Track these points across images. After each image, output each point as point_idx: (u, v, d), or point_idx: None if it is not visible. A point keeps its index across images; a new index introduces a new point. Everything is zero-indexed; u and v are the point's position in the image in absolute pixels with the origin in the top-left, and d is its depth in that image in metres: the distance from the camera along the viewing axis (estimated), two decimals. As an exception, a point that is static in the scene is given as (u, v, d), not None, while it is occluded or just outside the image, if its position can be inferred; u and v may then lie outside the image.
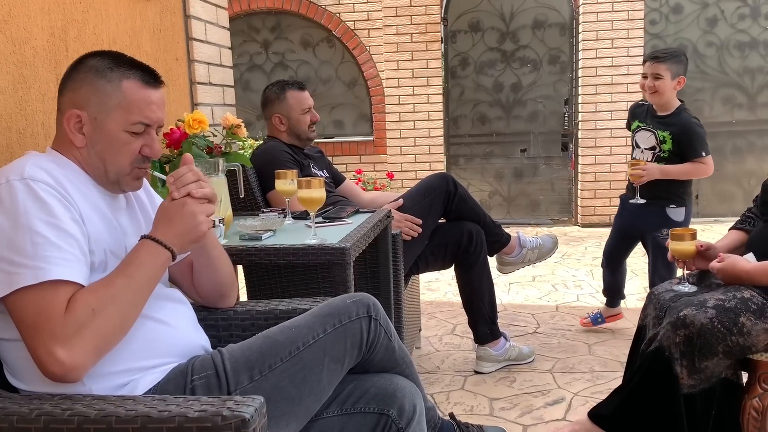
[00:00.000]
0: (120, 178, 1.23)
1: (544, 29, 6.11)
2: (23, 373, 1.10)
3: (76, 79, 1.21)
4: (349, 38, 6.23)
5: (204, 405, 0.93)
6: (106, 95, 1.19)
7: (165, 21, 2.30)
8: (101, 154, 1.20)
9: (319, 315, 1.28)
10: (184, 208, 1.15)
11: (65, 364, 1.00)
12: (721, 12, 5.92)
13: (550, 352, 2.89)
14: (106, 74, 1.19)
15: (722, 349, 1.65)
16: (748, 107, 6.01)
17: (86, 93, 1.19)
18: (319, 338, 1.24)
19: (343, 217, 2.13)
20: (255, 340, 1.24)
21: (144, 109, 1.21)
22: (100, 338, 1.04)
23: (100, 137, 1.20)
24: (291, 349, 1.21)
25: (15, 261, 1.02)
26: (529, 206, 6.34)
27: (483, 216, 2.70)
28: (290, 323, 1.28)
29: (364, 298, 1.34)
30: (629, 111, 3.01)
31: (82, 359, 1.01)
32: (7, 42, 1.57)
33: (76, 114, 1.19)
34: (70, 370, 1.00)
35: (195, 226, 1.16)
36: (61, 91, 1.23)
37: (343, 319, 1.28)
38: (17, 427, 0.95)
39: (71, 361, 1.00)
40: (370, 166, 6.29)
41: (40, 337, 1.00)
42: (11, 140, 1.58)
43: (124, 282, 1.08)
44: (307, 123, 2.61)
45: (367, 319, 1.30)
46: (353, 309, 1.30)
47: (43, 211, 1.06)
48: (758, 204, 1.99)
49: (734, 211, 5.77)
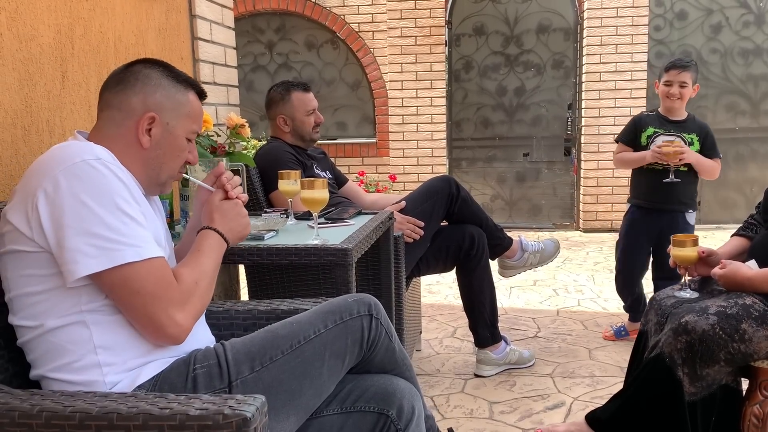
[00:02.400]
0: (168, 180, 1.32)
1: (549, 34, 6.11)
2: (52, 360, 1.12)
3: (148, 84, 1.25)
4: (353, 40, 6.24)
5: (205, 403, 0.94)
6: (179, 104, 1.28)
7: (170, 20, 2.31)
8: (162, 157, 1.27)
9: (320, 312, 1.30)
10: (237, 208, 1.33)
11: (182, 326, 1.12)
12: (725, 19, 5.92)
13: (550, 356, 2.89)
14: (177, 85, 1.28)
15: (724, 356, 1.65)
16: (751, 114, 6.01)
17: (162, 98, 1.25)
18: (320, 333, 1.26)
19: (345, 219, 2.13)
20: (257, 334, 1.27)
21: (199, 120, 1.33)
22: (201, 306, 1.18)
23: (167, 141, 1.27)
24: (292, 342, 1.23)
25: (111, 238, 1.07)
26: (531, 210, 6.34)
27: (485, 219, 2.70)
28: (292, 319, 1.30)
29: (366, 297, 1.35)
30: (636, 122, 2.93)
31: (191, 323, 1.15)
32: (14, 39, 1.57)
33: (152, 116, 1.24)
34: (184, 331, 1.13)
35: (245, 226, 1.34)
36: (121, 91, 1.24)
37: (344, 316, 1.30)
38: (19, 423, 0.95)
39: (186, 323, 1.13)
40: (373, 168, 6.29)
41: (161, 304, 1.10)
42: (16, 137, 1.58)
43: (208, 263, 1.22)
44: (311, 124, 2.62)
45: (369, 318, 1.32)
46: (355, 307, 1.31)
47: (124, 191, 1.12)
48: (760, 211, 1.99)
49: (736, 218, 5.76)
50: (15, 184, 1.57)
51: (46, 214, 1.07)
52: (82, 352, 1.12)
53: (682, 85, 2.78)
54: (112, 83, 1.26)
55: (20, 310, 1.13)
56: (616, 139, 3.06)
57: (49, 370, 1.13)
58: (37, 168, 1.12)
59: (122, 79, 1.25)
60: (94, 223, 1.06)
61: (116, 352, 1.13)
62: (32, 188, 1.09)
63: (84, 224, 1.06)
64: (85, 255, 1.06)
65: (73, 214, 1.06)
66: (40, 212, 1.07)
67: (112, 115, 1.24)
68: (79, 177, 1.08)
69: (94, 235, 1.06)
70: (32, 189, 1.09)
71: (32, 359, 1.15)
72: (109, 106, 1.25)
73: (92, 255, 1.06)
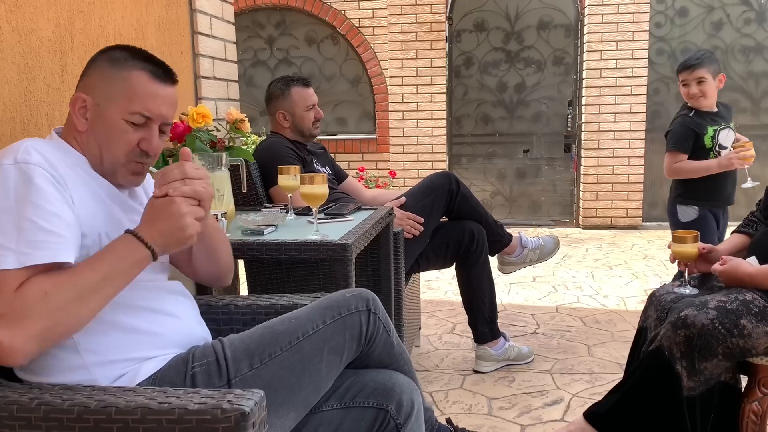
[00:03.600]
0: (115, 168, 1.21)
1: (549, 30, 6.10)
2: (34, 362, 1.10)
3: (91, 67, 1.23)
4: (353, 36, 6.23)
5: (204, 397, 0.93)
6: (112, 82, 1.20)
7: (170, 14, 2.30)
8: (99, 140, 1.20)
9: (318, 307, 1.29)
10: (171, 207, 1.09)
11: (3, 345, 0.95)
12: (726, 16, 5.91)
13: (549, 352, 2.89)
14: (120, 64, 1.21)
15: (722, 350, 1.65)
16: (752, 112, 6.00)
17: (95, 79, 1.21)
18: (319, 329, 1.25)
19: (345, 214, 2.13)
20: (255, 330, 1.26)
21: (147, 101, 1.20)
22: (52, 325, 0.99)
23: (99, 123, 1.20)
24: (291, 338, 1.22)
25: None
26: (530, 207, 6.33)
27: (485, 215, 2.70)
28: (290, 315, 1.29)
29: (363, 292, 1.34)
30: (693, 127, 2.74)
31: (23, 344, 0.96)
32: (13, 32, 1.57)
33: (82, 98, 1.20)
34: (11, 353, 0.96)
35: (180, 228, 1.09)
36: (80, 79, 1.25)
37: (342, 311, 1.29)
38: (17, 416, 0.95)
39: (10, 342, 0.96)
40: (373, 164, 6.29)
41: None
42: (15, 130, 1.58)
43: (91, 271, 1.03)
44: (311, 120, 2.61)
45: (366, 313, 1.31)
46: (352, 302, 1.31)
47: (32, 194, 1.05)
48: (761, 208, 1.99)
49: (736, 215, 5.76)
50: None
51: None
52: (65, 354, 1.10)
53: (699, 82, 2.72)
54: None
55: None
56: (669, 149, 2.83)
57: (33, 375, 1.11)
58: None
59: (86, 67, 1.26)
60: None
61: (102, 354, 1.12)
62: None
63: None
64: None
65: None
66: None
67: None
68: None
69: None
70: None
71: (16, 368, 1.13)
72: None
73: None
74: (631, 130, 5.90)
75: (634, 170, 5.92)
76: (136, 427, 0.92)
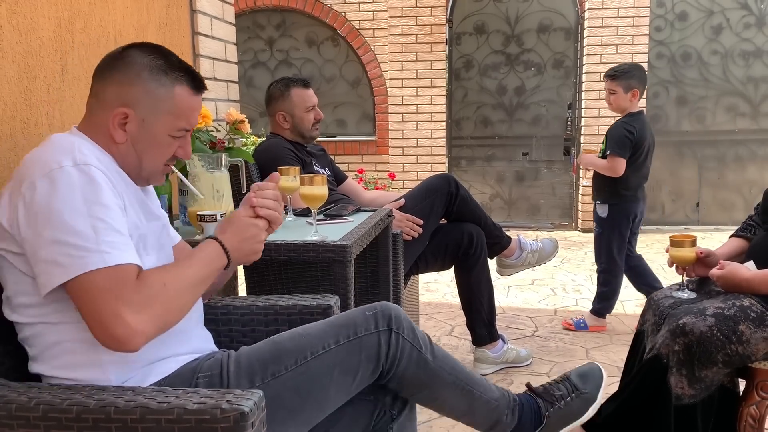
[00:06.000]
0: (152, 175, 1.25)
1: (549, 33, 6.11)
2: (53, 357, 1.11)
3: (127, 74, 1.18)
4: (353, 38, 6.23)
5: (203, 397, 0.94)
6: (159, 100, 1.18)
7: (171, 15, 2.30)
8: (140, 152, 1.20)
9: (333, 324, 1.24)
10: (255, 230, 1.20)
11: (131, 327, 1.00)
12: (726, 20, 5.92)
13: (547, 355, 2.89)
14: (160, 77, 1.19)
15: (722, 357, 1.64)
16: (751, 116, 6.01)
17: (138, 93, 1.17)
18: (330, 349, 1.20)
19: (344, 215, 2.13)
20: (264, 345, 1.22)
21: (189, 115, 1.23)
22: (166, 312, 1.05)
23: (144, 138, 1.19)
24: (298, 357, 1.18)
25: (79, 245, 1.02)
26: (529, 210, 6.34)
27: (484, 218, 2.70)
28: (302, 330, 1.24)
29: (386, 309, 1.27)
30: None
31: (146, 326, 1.01)
32: (14, 31, 1.57)
33: (124, 113, 1.17)
34: (135, 334, 1.00)
35: (255, 251, 1.22)
36: (102, 78, 1.20)
37: (359, 331, 1.23)
38: (16, 416, 0.95)
39: (139, 327, 1.00)
40: (372, 166, 6.29)
41: (113, 303, 1.00)
42: (15, 129, 1.58)
43: (192, 271, 1.11)
44: (311, 121, 2.61)
45: (387, 333, 1.24)
46: (372, 322, 1.24)
47: (100, 196, 1.06)
48: (759, 212, 1.99)
49: (735, 220, 5.77)
50: (14, 177, 1.57)
51: (23, 222, 1.04)
52: (83, 350, 1.10)
53: (611, 92, 3.10)
54: (101, 66, 1.21)
55: (18, 307, 1.11)
56: None
57: (50, 368, 1.11)
58: (22, 169, 1.10)
59: (109, 65, 1.20)
60: (64, 231, 1.02)
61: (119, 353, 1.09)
62: (16, 190, 1.07)
63: (55, 233, 1.02)
64: (56, 265, 1.02)
65: (46, 223, 1.03)
66: (19, 219, 1.05)
67: (91, 102, 1.21)
68: (54, 185, 1.04)
69: (64, 244, 1.02)
70: (16, 191, 1.07)
71: (33, 355, 1.14)
72: (91, 92, 1.21)
73: (62, 264, 1.02)
74: (631, 133, 5.90)
75: (633, 174, 5.92)
76: (135, 426, 0.92)
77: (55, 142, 1.13)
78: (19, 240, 1.06)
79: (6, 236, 1.08)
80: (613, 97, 3.10)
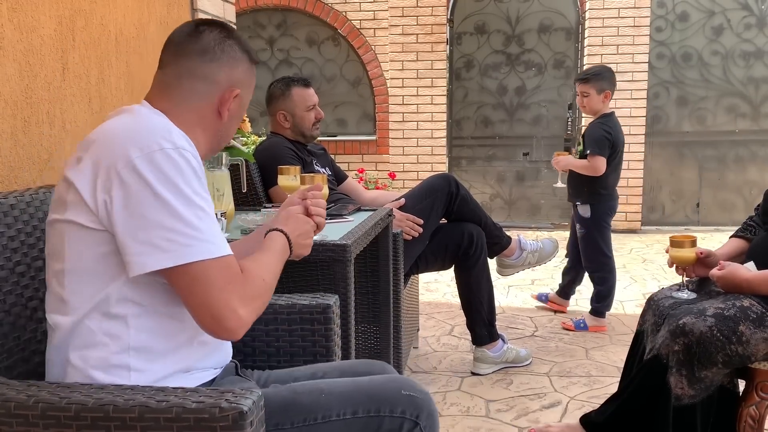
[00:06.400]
0: (215, 152, 1.29)
1: (550, 33, 6.11)
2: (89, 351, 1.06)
3: (233, 56, 1.21)
4: (354, 37, 6.23)
5: (202, 396, 0.93)
6: (251, 78, 1.26)
7: (172, 14, 2.30)
8: (230, 128, 1.26)
9: (360, 390, 1.17)
10: (308, 226, 1.27)
11: (243, 320, 1.05)
12: (727, 21, 5.92)
13: (547, 355, 2.89)
14: (249, 59, 1.25)
15: (721, 358, 1.64)
16: (751, 117, 6.01)
17: (241, 74, 1.23)
18: (343, 419, 1.13)
19: (344, 215, 2.13)
20: (283, 390, 1.18)
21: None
22: (263, 304, 1.12)
23: (238, 114, 1.25)
24: (307, 417, 1.12)
25: (185, 233, 1.01)
26: (530, 210, 6.34)
27: (484, 218, 2.70)
28: (326, 385, 1.18)
29: (425, 400, 1.18)
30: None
31: (252, 319, 1.08)
32: (15, 30, 1.57)
33: (237, 92, 1.21)
34: (243, 326, 1.06)
35: (307, 247, 1.28)
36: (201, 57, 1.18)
37: (384, 409, 1.14)
38: (14, 414, 0.95)
39: (247, 318, 1.06)
40: (372, 166, 6.29)
41: (224, 296, 1.03)
42: (16, 128, 1.58)
43: (273, 263, 1.17)
44: (312, 120, 2.61)
45: (412, 424, 1.15)
46: (403, 404, 1.15)
47: (199, 184, 1.06)
48: (759, 213, 1.99)
49: (735, 221, 5.76)
50: (14, 176, 1.57)
51: (119, 201, 1.01)
52: (115, 348, 1.06)
53: (584, 95, 3.16)
54: (194, 51, 1.18)
55: (69, 284, 1.06)
56: None
57: (77, 357, 1.06)
58: (111, 140, 1.05)
59: (208, 49, 1.19)
60: (169, 216, 1.01)
61: (149, 358, 1.08)
62: (105, 164, 1.02)
63: (159, 217, 1.00)
64: (156, 249, 1.00)
65: (148, 205, 1.00)
66: (114, 197, 1.01)
67: (194, 85, 1.18)
68: (157, 168, 1.01)
69: (169, 229, 1.00)
70: (105, 165, 1.02)
71: (62, 339, 1.08)
72: (193, 75, 1.18)
73: (165, 249, 1.00)
74: (631, 134, 5.89)
75: (634, 174, 5.92)
76: (133, 425, 0.91)
77: (147, 119, 1.10)
78: (104, 217, 1.02)
79: (80, 208, 1.04)
80: (586, 99, 3.16)
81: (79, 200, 1.04)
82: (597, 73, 3.17)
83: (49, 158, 1.70)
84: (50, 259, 1.11)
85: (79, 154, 1.08)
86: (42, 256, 1.27)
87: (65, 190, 1.07)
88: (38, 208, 1.32)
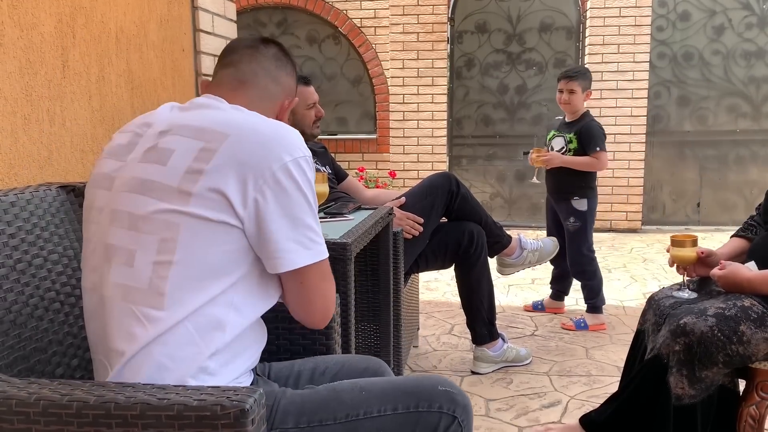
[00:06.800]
0: None
1: (551, 32, 6.11)
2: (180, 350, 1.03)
3: (292, 68, 1.32)
4: (355, 35, 6.23)
5: (203, 394, 0.93)
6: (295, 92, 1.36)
7: (172, 11, 2.30)
8: None
9: (398, 388, 1.19)
10: None
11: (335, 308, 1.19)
12: (728, 20, 5.92)
13: (547, 354, 2.89)
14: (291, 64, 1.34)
15: (722, 358, 1.64)
16: (752, 117, 6.01)
17: (293, 83, 1.33)
18: (384, 415, 1.15)
19: (345, 213, 2.13)
20: (323, 390, 1.19)
21: None
22: None
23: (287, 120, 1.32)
24: (350, 413, 1.14)
25: (318, 232, 1.11)
26: (530, 209, 6.34)
27: (484, 217, 2.70)
28: (365, 383, 1.21)
29: (459, 396, 1.21)
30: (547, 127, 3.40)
31: None
32: (15, 27, 1.57)
33: (296, 101, 1.34)
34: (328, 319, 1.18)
35: None
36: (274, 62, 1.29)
37: (422, 404, 1.17)
38: (15, 411, 0.95)
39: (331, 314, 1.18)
40: (373, 164, 6.29)
41: (331, 289, 1.15)
42: (16, 125, 1.58)
43: None
44: (312, 118, 2.60)
45: (450, 418, 1.17)
46: (439, 399, 1.18)
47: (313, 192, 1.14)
48: (761, 212, 1.99)
49: (735, 221, 5.77)
50: (14, 173, 1.56)
51: (273, 201, 1.04)
52: (202, 350, 1.04)
53: (570, 92, 3.21)
54: (269, 54, 1.28)
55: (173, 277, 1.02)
56: None
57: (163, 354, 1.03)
58: (257, 140, 1.06)
59: (279, 56, 1.30)
60: (311, 217, 1.10)
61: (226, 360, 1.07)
62: (255, 162, 1.03)
63: (306, 218, 1.09)
64: (302, 247, 1.08)
65: (299, 207, 1.08)
66: (267, 197, 1.03)
67: (268, 85, 1.27)
68: (303, 172, 1.09)
69: (311, 230, 1.10)
70: (255, 163, 1.03)
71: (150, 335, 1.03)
72: (269, 75, 1.27)
73: (308, 248, 1.09)
74: (632, 133, 5.90)
75: (634, 174, 5.93)
76: (135, 422, 0.91)
77: (279, 123, 1.15)
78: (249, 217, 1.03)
79: (221, 205, 1.02)
80: (572, 96, 3.22)
81: (219, 196, 1.02)
82: (583, 72, 3.26)
83: (49, 156, 1.70)
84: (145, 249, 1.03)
85: (202, 144, 1.05)
86: (42, 254, 1.27)
87: (189, 181, 1.02)
88: (38, 206, 1.31)
